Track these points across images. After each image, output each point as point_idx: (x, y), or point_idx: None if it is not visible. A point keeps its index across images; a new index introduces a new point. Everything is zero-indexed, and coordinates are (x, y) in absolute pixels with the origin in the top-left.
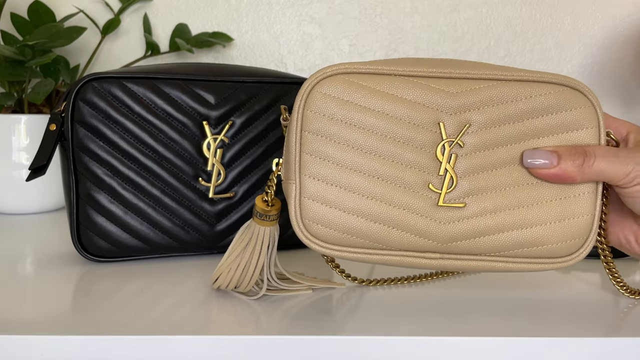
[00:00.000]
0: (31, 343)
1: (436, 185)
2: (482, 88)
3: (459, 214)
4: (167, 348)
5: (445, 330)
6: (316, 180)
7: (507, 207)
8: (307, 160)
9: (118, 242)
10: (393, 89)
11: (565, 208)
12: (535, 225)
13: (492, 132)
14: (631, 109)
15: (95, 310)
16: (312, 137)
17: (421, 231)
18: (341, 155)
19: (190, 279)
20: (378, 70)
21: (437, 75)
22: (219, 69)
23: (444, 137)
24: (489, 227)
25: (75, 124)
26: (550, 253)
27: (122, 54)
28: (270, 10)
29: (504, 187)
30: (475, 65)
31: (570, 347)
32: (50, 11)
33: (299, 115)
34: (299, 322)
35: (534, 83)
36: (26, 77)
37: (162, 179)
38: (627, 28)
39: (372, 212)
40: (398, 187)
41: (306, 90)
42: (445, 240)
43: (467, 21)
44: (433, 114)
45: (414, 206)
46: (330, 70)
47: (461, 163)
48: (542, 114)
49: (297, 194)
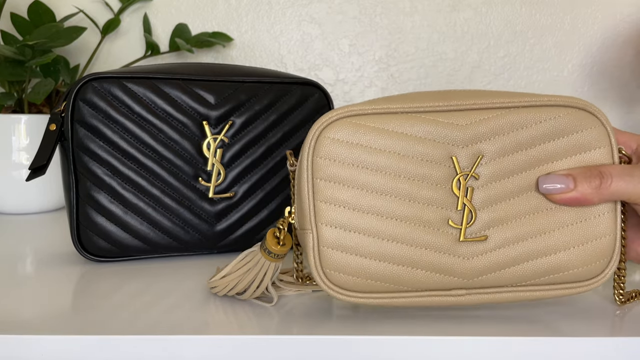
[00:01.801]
0: (31, 343)
1: (456, 221)
2: (491, 118)
3: (482, 247)
4: (167, 348)
5: (445, 329)
6: (333, 227)
7: (529, 235)
8: (321, 208)
9: (118, 242)
10: (401, 127)
11: (586, 230)
12: (559, 252)
13: (506, 161)
14: (631, 109)
15: (95, 310)
16: (324, 184)
17: (445, 269)
18: (357, 200)
19: (190, 278)
20: (384, 109)
21: (444, 109)
22: (219, 69)
23: (458, 171)
24: (512, 258)
25: (75, 124)
26: (575, 277)
27: (122, 54)
28: (270, 10)
29: (523, 215)
30: (480, 94)
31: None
32: (50, 11)
33: (308, 163)
34: (299, 322)
35: (541, 108)
36: (26, 77)
37: (162, 179)
38: (627, 28)
39: (393, 255)
40: (417, 226)
41: (313, 137)
42: (471, 276)
43: (467, 21)
44: (445, 148)
45: (436, 244)
46: (335, 115)
47: (478, 195)
48: (553, 138)
49: (315, 243)
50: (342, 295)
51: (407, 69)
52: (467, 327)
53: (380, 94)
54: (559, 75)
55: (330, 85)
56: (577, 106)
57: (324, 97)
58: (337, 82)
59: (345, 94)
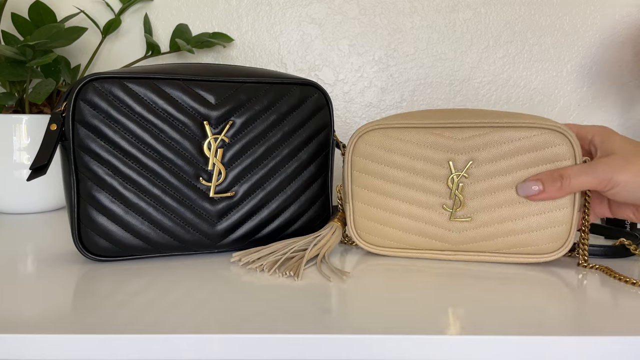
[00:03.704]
0: (32, 342)
1: (448, 206)
2: (484, 134)
3: (467, 225)
4: (168, 347)
5: (444, 329)
6: (363, 204)
7: (504, 220)
8: (356, 191)
9: (119, 241)
10: (416, 138)
11: (549, 220)
12: (527, 233)
13: (492, 166)
14: (629, 108)
15: (96, 309)
16: (358, 175)
17: (440, 238)
18: (380, 187)
19: (190, 278)
20: (404, 124)
21: (447, 125)
22: (219, 69)
23: (453, 171)
24: (490, 234)
25: (76, 124)
26: (539, 251)
27: (122, 54)
28: (270, 11)
29: (501, 206)
30: (476, 113)
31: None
32: (51, 11)
33: (349, 159)
34: (299, 322)
35: (522, 128)
36: (27, 77)
37: (163, 179)
38: (625, 28)
39: (404, 226)
40: (422, 208)
41: (353, 141)
42: (457, 243)
43: (466, 21)
44: (445, 155)
45: (433, 221)
46: (369, 127)
47: (468, 189)
48: (531, 151)
49: (351, 212)
50: (368, 248)
51: (406, 69)
52: (467, 326)
53: (379, 94)
54: (558, 75)
55: (330, 86)
56: (550, 128)
57: (323, 98)
58: (337, 83)
59: (345, 94)
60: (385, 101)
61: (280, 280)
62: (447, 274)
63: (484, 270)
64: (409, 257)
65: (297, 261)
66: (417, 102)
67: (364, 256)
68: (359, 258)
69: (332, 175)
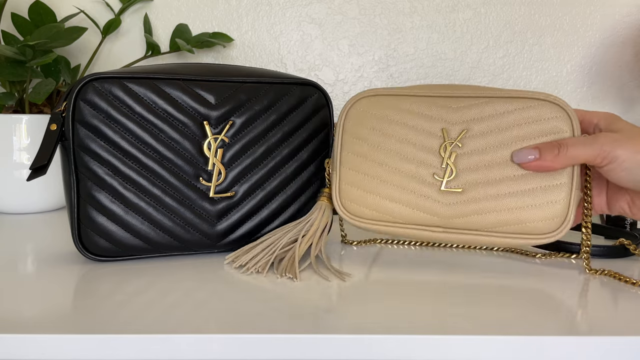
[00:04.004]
0: (32, 342)
1: (439, 175)
2: (479, 104)
3: (458, 198)
4: (168, 347)
5: (444, 329)
6: (351, 170)
7: (498, 194)
8: (345, 157)
9: (119, 241)
10: (409, 105)
11: (546, 196)
12: (522, 209)
13: (488, 138)
14: (629, 108)
15: (96, 309)
16: (349, 139)
17: (428, 210)
18: (371, 154)
19: (190, 278)
20: (398, 92)
21: (442, 95)
22: (219, 69)
23: (446, 139)
24: (482, 209)
25: (76, 124)
26: (535, 230)
27: (122, 54)
28: (270, 11)
29: (495, 179)
30: (474, 88)
31: (570, 346)
32: (51, 11)
33: (341, 124)
34: (298, 322)
35: (520, 99)
36: (27, 77)
37: (163, 179)
38: (625, 28)
39: (392, 195)
40: (412, 178)
41: (347, 106)
42: (447, 217)
43: (466, 21)
44: (439, 123)
45: (423, 191)
46: (364, 93)
47: (461, 160)
48: (527, 123)
49: (337, 180)
50: (352, 220)
51: (406, 69)
52: (467, 325)
53: None
54: (558, 75)
55: (330, 86)
56: (548, 100)
57: (323, 98)
58: (337, 83)
59: (345, 94)
60: None
61: (280, 280)
62: (448, 274)
63: (484, 269)
64: (395, 233)
65: (291, 259)
66: None
67: (363, 256)
68: (358, 258)
69: None
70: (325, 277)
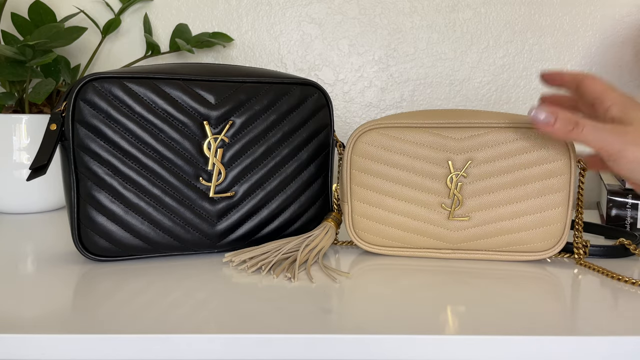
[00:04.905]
0: (31, 342)
1: (447, 205)
2: (481, 134)
3: (465, 224)
4: (168, 347)
5: (444, 329)
6: (362, 203)
7: (501, 218)
8: (355, 190)
9: (119, 241)
10: (415, 137)
11: (544, 219)
12: (522, 231)
13: (490, 166)
14: None
15: (96, 309)
16: (358, 174)
17: (438, 237)
18: (379, 186)
19: (190, 278)
20: (404, 124)
21: (446, 125)
22: (219, 69)
23: (452, 170)
24: (487, 233)
25: (76, 124)
26: (534, 249)
27: (122, 54)
28: (270, 10)
29: (499, 205)
30: (474, 114)
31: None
32: (51, 11)
33: (348, 158)
34: (299, 322)
35: (519, 129)
36: (27, 77)
37: (162, 179)
38: (625, 28)
39: (403, 225)
40: (421, 207)
41: (352, 140)
42: (455, 242)
43: (466, 21)
44: (444, 154)
45: (432, 220)
46: (369, 126)
47: (467, 188)
48: (527, 152)
49: (349, 212)
50: (367, 248)
51: (406, 69)
52: (467, 325)
53: (379, 94)
54: None
55: (330, 86)
56: None
57: (323, 97)
58: (337, 82)
59: (345, 94)
60: (385, 101)
61: (280, 280)
62: (447, 274)
63: (483, 270)
64: (408, 256)
65: (291, 263)
66: (417, 102)
67: (362, 256)
68: (357, 258)
69: (332, 175)
70: (325, 277)
